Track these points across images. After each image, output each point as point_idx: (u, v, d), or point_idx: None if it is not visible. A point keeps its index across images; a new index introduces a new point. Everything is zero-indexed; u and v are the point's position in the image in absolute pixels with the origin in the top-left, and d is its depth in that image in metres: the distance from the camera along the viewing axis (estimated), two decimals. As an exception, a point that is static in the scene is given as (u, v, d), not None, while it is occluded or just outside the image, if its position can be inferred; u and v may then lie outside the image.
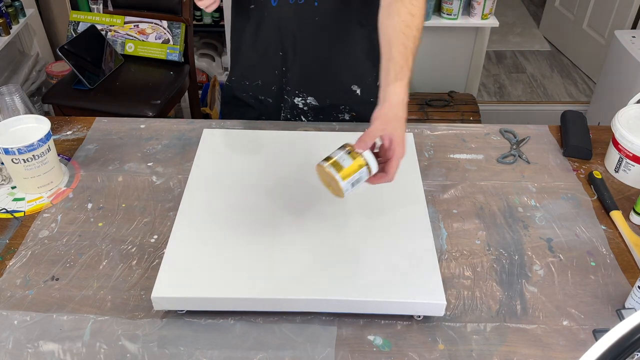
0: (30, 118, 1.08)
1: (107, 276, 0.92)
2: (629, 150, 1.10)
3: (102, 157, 1.18)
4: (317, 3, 1.13)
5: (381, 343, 0.82)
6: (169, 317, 0.85)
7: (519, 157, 1.19)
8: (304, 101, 1.28)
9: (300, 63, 1.22)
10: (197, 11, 2.88)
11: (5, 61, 2.68)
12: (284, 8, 1.14)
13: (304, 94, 1.27)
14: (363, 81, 1.26)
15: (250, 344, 0.81)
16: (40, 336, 0.82)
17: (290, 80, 1.25)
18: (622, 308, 0.87)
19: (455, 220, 1.03)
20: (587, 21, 3.34)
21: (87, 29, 2.35)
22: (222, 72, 3.08)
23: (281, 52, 1.21)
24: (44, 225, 1.01)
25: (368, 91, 1.26)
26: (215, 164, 1.08)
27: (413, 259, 0.88)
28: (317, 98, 1.27)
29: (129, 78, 2.36)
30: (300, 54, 1.21)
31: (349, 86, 1.26)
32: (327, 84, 1.25)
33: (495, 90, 3.30)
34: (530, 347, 0.82)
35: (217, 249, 0.90)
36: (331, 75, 1.24)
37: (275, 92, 1.28)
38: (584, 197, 1.09)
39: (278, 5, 1.14)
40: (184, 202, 0.99)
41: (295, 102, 1.28)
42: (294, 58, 1.22)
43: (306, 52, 1.20)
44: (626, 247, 0.98)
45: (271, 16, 1.17)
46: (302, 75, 1.24)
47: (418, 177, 1.05)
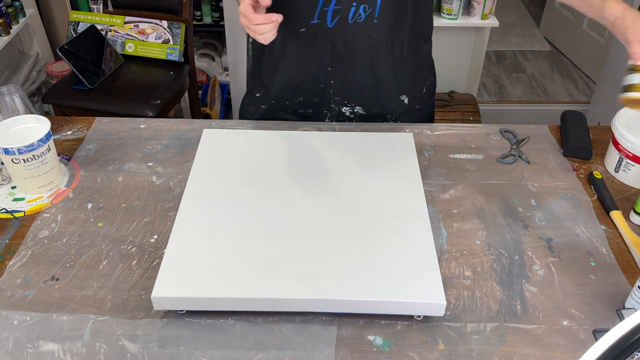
0: (30, 118, 1.08)
1: (107, 276, 0.92)
2: (629, 150, 1.10)
3: (102, 157, 1.18)
4: (377, 20, 1.13)
5: (381, 343, 0.82)
6: (169, 317, 0.85)
7: (519, 157, 1.19)
8: (351, 110, 1.28)
9: (351, 77, 1.22)
10: (197, 11, 2.88)
11: (5, 61, 2.69)
12: (342, 27, 1.14)
13: (352, 104, 1.27)
14: (412, 91, 1.27)
15: (250, 344, 0.81)
16: (40, 336, 0.82)
17: (339, 93, 1.25)
18: (622, 308, 0.87)
19: (455, 220, 1.03)
20: (587, 21, 3.34)
21: (87, 29, 2.35)
22: (222, 72, 3.08)
23: (330, 68, 1.21)
24: (44, 225, 1.01)
25: (415, 100, 1.28)
26: (215, 164, 1.08)
27: (413, 259, 0.88)
28: (364, 107, 1.27)
29: (129, 78, 2.36)
30: (352, 69, 1.20)
31: (397, 96, 1.27)
32: (376, 94, 1.26)
33: (495, 90, 3.30)
34: (530, 347, 0.82)
35: (217, 249, 0.90)
36: (382, 86, 1.24)
37: (317, 103, 1.28)
38: (584, 197, 1.09)
39: (335, 26, 1.14)
40: (184, 202, 0.99)
41: (342, 110, 1.28)
42: (345, 73, 1.21)
43: (359, 66, 1.20)
44: (626, 247, 0.98)
45: (325, 37, 1.16)
46: (352, 88, 1.24)
47: (418, 177, 1.05)
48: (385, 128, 1.25)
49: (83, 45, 2.28)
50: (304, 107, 1.29)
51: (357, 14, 1.11)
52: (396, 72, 1.23)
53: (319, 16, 1.12)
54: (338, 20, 1.13)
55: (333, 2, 1.10)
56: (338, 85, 1.24)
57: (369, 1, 1.10)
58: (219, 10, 2.86)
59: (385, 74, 1.22)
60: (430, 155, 1.19)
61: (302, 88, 1.25)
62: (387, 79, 1.23)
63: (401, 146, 1.13)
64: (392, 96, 1.26)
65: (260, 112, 1.32)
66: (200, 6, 2.87)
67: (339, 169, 1.07)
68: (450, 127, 1.27)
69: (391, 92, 1.26)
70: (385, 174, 1.06)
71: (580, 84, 3.35)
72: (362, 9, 1.11)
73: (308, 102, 1.28)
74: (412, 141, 1.15)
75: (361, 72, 1.21)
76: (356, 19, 1.12)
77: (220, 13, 2.84)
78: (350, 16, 1.12)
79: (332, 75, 1.22)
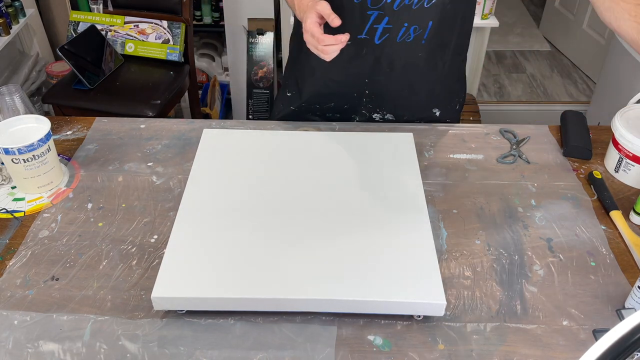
0: (30, 118, 1.08)
1: (107, 276, 0.92)
2: (629, 150, 1.10)
3: (102, 157, 1.18)
4: (425, 41, 1.14)
5: (381, 343, 0.82)
6: (169, 317, 0.85)
7: (519, 157, 1.19)
8: (381, 116, 1.29)
9: (388, 89, 1.23)
10: (197, 11, 2.88)
11: (5, 61, 2.68)
12: (388, 45, 1.14)
13: (384, 112, 1.28)
14: (445, 105, 1.29)
15: (250, 344, 0.81)
16: (40, 336, 0.82)
17: (373, 101, 1.26)
18: (622, 308, 0.87)
19: (455, 220, 1.03)
20: (587, 21, 3.34)
21: (87, 29, 2.35)
22: (222, 72, 3.08)
23: (367, 80, 1.22)
24: (44, 225, 1.01)
25: (446, 113, 1.29)
26: (215, 164, 1.08)
27: (413, 259, 0.88)
28: (395, 114, 1.28)
29: (129, 78, 2.36)
30: (390, 82, 1.21)
31: (430, 109, 1.28)
32: (410, 105, 1.27)
33: (495, 90, 3.30)
34: (530, 347, 0.82)
35: (217, 249, 0.90)
36: (416, 98, 1.25)
37: (348, 108, 1.28)
38: (584, 197, 1.09)
39: (381, 43, 1.14)
40: (184, 202, 0.99)
41: (372, 116, 1.29)
42: (382, 85, 1.22)
43: (397, 81, 1.21)
44: (626, 247, 0.98)
45: (370, 52, 1.16)
46: (387, 98, 1.25)
47: (418, 177, 1.05)
48: (385, 128, 1.25)
49: (83, 45, 2.28)
50: (332, 112, 1.30)
51: (406, 33, 1.13)
52: (434, 88, 1.24)
53: (367, 32, 1.13)
54: (386, 38, 1.14)
55: (385, 21, 1.11)
56: (373, 95, 1.24)
57: (420, 22, 1.11)
58: (219, 10, 2.86)
59: (422, 89, 1.23)
60: (430, 155, 1.19)
61: (335, 95, 1.26)
62: (423, 93, 1.24)
63: (401, 146, 1.14)
64: (425, 108, 1.28)
65: (287, 111, 1.32)
66: (200, 6, 2.87)
67: (339, 169, 1.07)
68: (450, 127, 1.27)
69: (425, 104, 1.27)
70: (385, 174, 1.06)
71: (580, 84, 3.35)
72: (413, 29, 1.12)
73: (339, 107, 1.29)
74: (412, 141, 1.15)
75: (399, 86, 1.22)
76: (404, 39, 1.13)
77: (220, 13, 2.84)
78: (399, 35, 1.13)
79: (368, 86, 1.22)
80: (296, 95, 1.30)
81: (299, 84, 1.29)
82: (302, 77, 1.28)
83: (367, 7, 1.10)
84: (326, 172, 1.06)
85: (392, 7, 1.09)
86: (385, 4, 1.09)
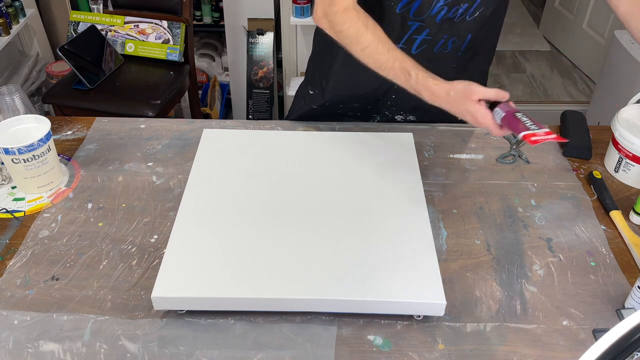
0: (30, 118, 1.08)
1: (107, 276, 0.92)
2: (629, 150, 1.10)
3: (102, 157, 1.18)
4: (461, 53, 1.14)
5: (381, 343, 0.82)
6: (169, 317, 0.85)
7: (518, 157, 1.19)
8: (403, 118, 1.28)
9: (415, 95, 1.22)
10: (197, 11, 2.88)
11: (5, 61, 2.68)
12: (425, 55, 1.13)
13: (407, 114, 1.28)
14: None
15: (250, 344, 0.82)
16: (40, 336, 0.82)
17: (397, 105, 1.25)
18: (622, 308, 0.87)
19: (455, 220, 1.03)
20: (587, 21, 3.34)
21: (87, 29, 2.35)
22: (222, 72, 3.08)
23: (396, 86, 1.21)
24: (44, 225, 1.01)
25: None
26: (215, 164, 1.08)
27: (413, 259, 0.88)
28: (417, 116, 1.28)
29: (129, 78, 2.36)
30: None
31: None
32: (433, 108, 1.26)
33: (495, 90, 3.29)
34: (530, 347, 0.82)
35: (217, 249, 0.90)
36: None
37: (371, 109, 1.28)
38: (584, 197, 1.09)
39: (418, 53, 1.13)
40: (184, 202, 0.99)
41: (395, 118, 1.29)
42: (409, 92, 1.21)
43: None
44: (626, 247, 0.98)
45: None
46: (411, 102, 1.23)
47: (418, 177, 1.05)
48: (385, 128, 1.25)
49: (83, 45, 2.28)
50: (354, 111, 1.29)
51: (444, 45, 1.13)
52: None
53: (406, 42, 1.13)
54: (424, 49, 1.13)
55: (425, 32, 1.10)
56: (399, 100, 1.24)
57: (459, 35, 1.11)
58: (219, 10, 2.86)
59: None
60: (430, 155, 1.19)
61: (361, 97, 1.25)
62: None
63: (401, 146, 1.14)
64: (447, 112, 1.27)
65: (308, 109, 1.31)
66: (200, 6, 2.87)
67: (339, 169, 1.07)
68: (450, 127, 1.27)
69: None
70: (385, 174, 1.06)
71: (580, 84, 3.35)
72: (451, 42, 1.12)
73: (362, 108, 1.28)
74: (412, 141, 1.15)
75: None
76: (442, 50, 1.13)
77: (220, 13, 2.84)
78: (437, 47, 1.13)
79: (396, 91, 1.22)
80: (319, 94, 1.29)
81: (323, 84, 1.27)
82: (326, 78, 1.26)
83: (409, 18, 1.09)
84: (326, 172, 1.06)
85: (434, 19, 1.09)
86: (428, 17, 1.08)
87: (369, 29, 0.98)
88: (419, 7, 1.07)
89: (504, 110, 0.87)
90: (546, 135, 0.83)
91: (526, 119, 0.85)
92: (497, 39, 1.22)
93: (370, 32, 0.98)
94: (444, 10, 1.07)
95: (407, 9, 1.08)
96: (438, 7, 1.07)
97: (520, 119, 0.85)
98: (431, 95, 0.95)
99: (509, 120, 0.86)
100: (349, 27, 0.98)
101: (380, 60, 0.97)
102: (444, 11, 1.07)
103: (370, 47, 0.97)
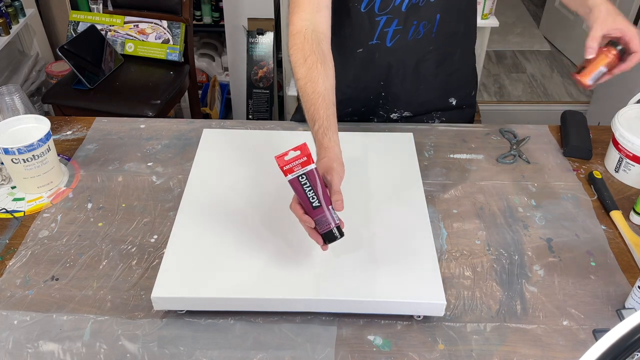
0: (30, 118, 1.08)
1: (107, 276, 0.92)
2: (629, 150, 1.10)
3: (102, 157, 1.17)
4: (434, 34, 1.14)
5: (381, 343, 0.82)
6: (169, 317, 0.85)
7: (519, 157, 1.19)
8: (399, 115, 1.29)
9: (404, 88, 1.23)
10: (197, 11, 2.88)
11: (5, 61, 2.68)
12: (400, 45, 1.15)
13: (401, 110, 1.28)
14: (460, 93, 1.29)
15: (250, 344, 0.81)
16: (40, 336, 0.82)
17: (389, 102, 1.26)
18: (622, 308, 0.87)
19: (455, 220, 1.03)
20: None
21: (87, 29, 2.35)
22: (222, 72, 3.07)
23: (383, 82, 1.22)
24: (44, 225, 1.01)
25: (463, 100, 1.29)
26: (215, 164, 1.08)
27: (413, 259, 0.88)
28: (412, 111, 1.28)
29: (129, 78, 2.36)
30: (405, 81, 1.21)
31: (446, 99, 1.28)
32: (426, 98, 1.27)
33: (495, 90, 3.30)
34: (530, 347, 0.82)
35: (217, 249, 0.90)
36: (432, 91, 1.25)
37: (365, 111, 1.28)
38: (584, 197, 1.09)
39: (393, 45, 1.15)
40: (184, 202, 0.99)
41: (390, 116, 1.29)
42: (398, 85, 1.22)
43: (412, 79, 1.21)
44: (626, 247, 0.98)
45: (382, 55, 1.16)
46: (403, 96, 1.25)
47: (418, 177, 1.05)
48: (385, 128, 1.25)
49: (83, 45, 2.28)
50: (350, 116, 1.29)
51: (416, 31, 1.13)
52: (447, 79, 1.24)
53: (379, 37, 1.14)
54: (397, 39, 1.14)
55: (394, 23, 1.11)
56: (389, 97, 1.24)
57: (428, 18, 1.12)
58: (219, 10, 2.85)
59: (436, 82, 1.23)
60: (430, 155, 1.19)
61: (352, 100, 1.25)
62: (438, 86, 1.24)
63: (401, 146, 1.13)
64: (441, 99, 1.28)
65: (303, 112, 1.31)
66: (200, 6, 2.87)
67: (339, 169, 1.07)
68: (450, 127, 1.27)
69: (441, 95, 1.27)
70: (385, 174, 1.06)
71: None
72: (422, 25, 1.13)
73: (356, 111, 1.29)
74: (412, 141, 1.15)
75: (414, 84, 1.22)
76: (415, 36, 1.14)
77: (220, 13, 2.84)
78: (410, 34, 1.13)
79: (384, 88, 1.23)
80: None
81: None
82: None
83: (375, 14, 1.10)
84: (326, 172, 1.06)
85: (400, 9, 1.10)
86: (393, 7, 1.09)
87: (307, 64, 0.95)
88: (382, 1, 1.09)
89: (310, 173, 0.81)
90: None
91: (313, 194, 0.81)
92: (473, 13, 1.21)
93: (306, 68, 0.95)
94: None
95: (371, 6, 1.10)
96: None
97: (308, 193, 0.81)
98: (321, 148, 0.89)
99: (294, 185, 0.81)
100: (292, 53, 0.97)
101: (303, 99, 0.95)
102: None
103: (300, 81, 0.95)
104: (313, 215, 0.81)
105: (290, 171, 0.80)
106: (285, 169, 0.80)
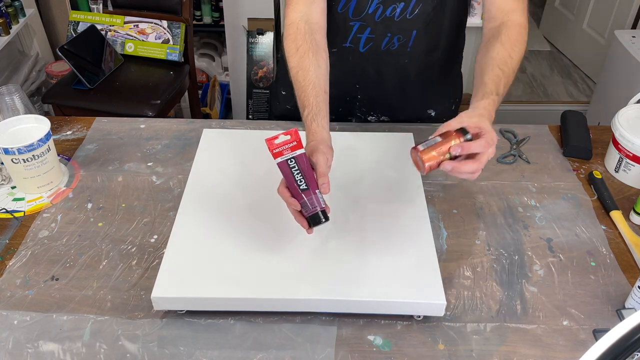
0: (30, 118, 1.08)
1: (107, 276, 0.92)
2: (629, 150, 1.10)
3: (102, 157, 1.17)
4: (410, 49, 1.14)
5: (381, 343, 0.82)
6: (169, 317, 0.85)
7: (519, 157, 1.19)
8: (377, 118, 1.29)
9: (380, 95, 1.22)
10: (197, 11, 2.88)
11: (5, 61, 2.68)
12: (373, 53, 1.14)
13: (378, 114, 1.28)
14: (440, 105, 1.28)
15: (250, 344, 0.81)
16: (40, 336, 0.82)
17: (366, 105, 1.26)
18: (622, 308, 0.87)
19: (455, 220, 1.03)
20: (587, 21, 3.34)
21: (87, 29, 2.35)
22: (222, 72, 3.08)
23: (358, 85, 1.21)
24: (44, 225, 1.01)
25: (443, 113, 1.29)
26: (215, 164, 1.08)
27: (413, 259, 0.88)
28: (390, 117, 1.28)
29: (129, 78, 2.36)
30: (380, 88, 1.21)
31: (425, 110, 1.28)
32: (403, 108, 1.26)
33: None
34: (530, 347, 0.82)
35: (217, 249, 0.90)
36: (410, 103, 1.25)
37: (343, 112, 1.28)
38: (584, 197, 1.09)
39: (366, 52, 1.14)
40: (184, 202, 0.99)
41: (368, 119, 1.29)
42: (373, 91, 1.22)
43: (388, 87, 1.21)
44: (626, 247, 0.98)
45: (356, 59, 1.16)
46: (379, 102, 1.25)
47: (418, 177, 1.05)
48: (385, 128, 1.25)
49: (83, 45, 2.28)
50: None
51: (390, 42, 1.13)
52: (425, 91, 1.24)
53: (352, 41, 1.13)
54: (370, 47, 1.13)
55: (367, 31, 1.11)
56: (365, 100, 1.24)
57: (403, 33, 1.11)
58: (219, 10, 2.86)
59: (414, 92, 1.23)
60: (430, 155, 1.18)
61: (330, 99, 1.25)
62: (415, 96, 1.24)
63: (401, 146, 1.13)
64: (419, 110, 1.28)
65: (283, 109, 1.32)
66: (200, 6, 2.87)
67: (339, 169, 1.07)
68: (450, 127, 1.27)
69: (419, 106, 1.27)
70: (385, 174, 1.06)
71: (580, 84, 3.35)
72: (397, 39, 1.12)
73: (333, 109, 1.27)
74: (412, 141, 1.15)
75: (389, 90, 1.22)
76: (389, 47, 1.13)
77: (220, 13, 2.84)
78: (383, 44, 1.13)
79: (359, 91, 1.23)
80: (289, 94, 1.29)
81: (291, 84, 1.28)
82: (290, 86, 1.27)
83: (349, 18, 1.10)
84: (326, 172, 1.06)
85: (373, 18, 1.09)
86: (366, 15, 1.09)
87: (298, 53, 0.98)
88: (356, 6, 1.09)
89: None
90: None
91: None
92: (458, 31, 1.19)
93: (298, 57, 0.98)
94: (380, 8, 1.08)
95: (346, 9, 1.10)
96: (374, 6, 1.07)
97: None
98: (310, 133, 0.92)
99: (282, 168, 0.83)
100: (286, 43, 1.00)
101: (295, 87, 0.98)
102: (380, 10, 1.08)
103: (292, 70, 0.98)
104: (299, 199, 0.83)
105: (280, 154, 0.82)
106: (275, 152, 0.82)
